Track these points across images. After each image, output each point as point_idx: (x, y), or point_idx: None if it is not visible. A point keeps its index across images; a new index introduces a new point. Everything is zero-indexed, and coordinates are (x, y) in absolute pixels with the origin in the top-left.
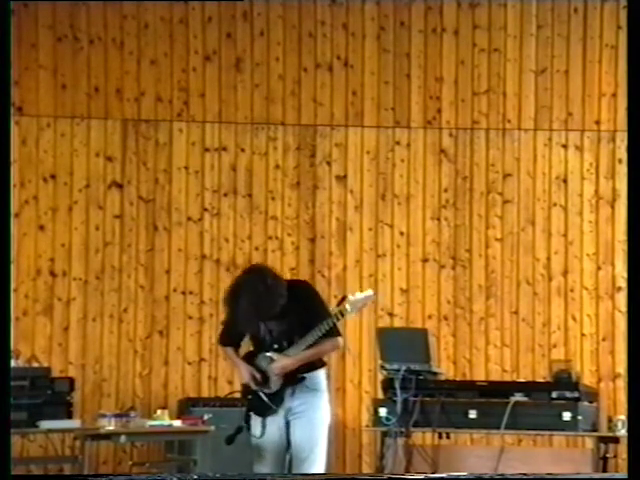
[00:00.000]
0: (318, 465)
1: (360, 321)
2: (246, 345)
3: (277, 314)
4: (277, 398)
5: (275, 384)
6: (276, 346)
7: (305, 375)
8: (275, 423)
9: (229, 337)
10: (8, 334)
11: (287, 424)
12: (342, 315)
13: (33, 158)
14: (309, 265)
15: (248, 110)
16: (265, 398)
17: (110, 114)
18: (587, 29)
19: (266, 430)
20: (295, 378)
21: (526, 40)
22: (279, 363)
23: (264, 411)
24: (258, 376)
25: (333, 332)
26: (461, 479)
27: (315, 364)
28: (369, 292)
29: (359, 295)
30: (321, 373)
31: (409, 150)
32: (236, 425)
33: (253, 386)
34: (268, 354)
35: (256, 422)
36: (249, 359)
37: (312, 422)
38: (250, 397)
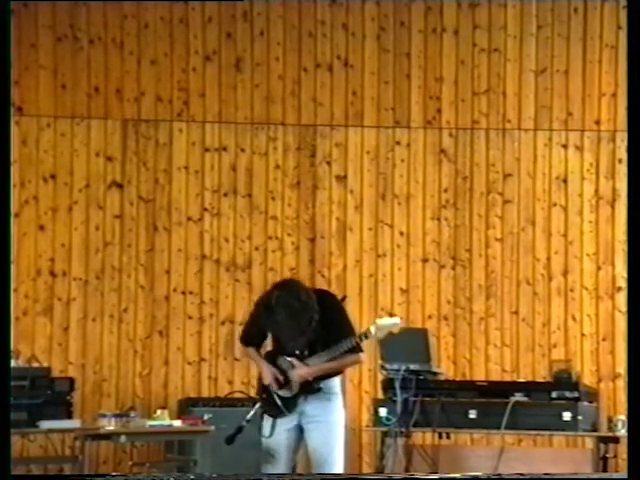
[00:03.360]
0: (337, 468)
1: (360, 321)
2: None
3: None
4: (291, 403)
5: (292, 390)
6: (297, 352)
7: (322, 386)
8: (284, 425)
9: (251, 338)
10: (8, 334)
11: (300, 428)
12: (366, 337)
13: (33, 158)
14: (309, 265)
15: (248, 110)
16: (279, 401)
17: (110, 114)
18: (587, 29)
19: (275, 431)
20: (312, 387)
21: (526, 40)
22: (299, 371)
23: (275, 413)
24: (281, 378)
25: (356, 349)
26: (457, 479)
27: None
28: (396, 319)
29: (387, 320)
30: (335, 378)
31: (409, 150)
32: (236, 425)
33: (274, 387)
34: (289, 359)
35: (267, 422)
36: (269, 359)
37: (328, 426)
38: (264, 396)
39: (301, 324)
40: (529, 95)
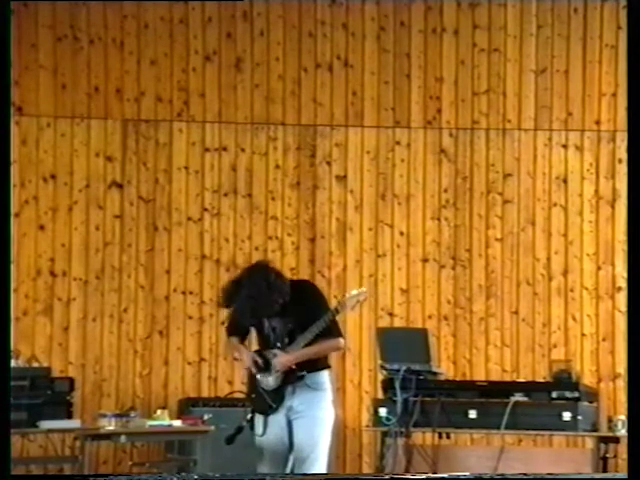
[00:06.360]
0: (319, 465)
1: (360, 321)
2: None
3: (279, 312)
4: (278, 396)
5: (276, 380)
6: (279, 344)
7: (305, 374)
8: (277, 422)
9: (235, 328)
10: (8, 334)
11: (289, 423)
12: (337, 311)
13: (33, 158)
14: (309, 265)
15: (248, 110)
16: (266, 396)
17: (110, 114)
18: (587, 29)
19: (268, 429)
20: (295, 376)
21: (526, 40)
22: (281, 359)
23: (266, 409)
24: (260, 361)
25: (333, 332)
26: (461, 479)
27: (317, 364)
28: (363, 289)
29: (353, 292)
30: (324, 374)
31: (409, 150)
32: (236, 425)
33: (254, 371)
34: (273, 351)
35: (259, 421)
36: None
37: (313, 421)
38: (253, 396)
39: (262, 306)
40: (529, 95)
